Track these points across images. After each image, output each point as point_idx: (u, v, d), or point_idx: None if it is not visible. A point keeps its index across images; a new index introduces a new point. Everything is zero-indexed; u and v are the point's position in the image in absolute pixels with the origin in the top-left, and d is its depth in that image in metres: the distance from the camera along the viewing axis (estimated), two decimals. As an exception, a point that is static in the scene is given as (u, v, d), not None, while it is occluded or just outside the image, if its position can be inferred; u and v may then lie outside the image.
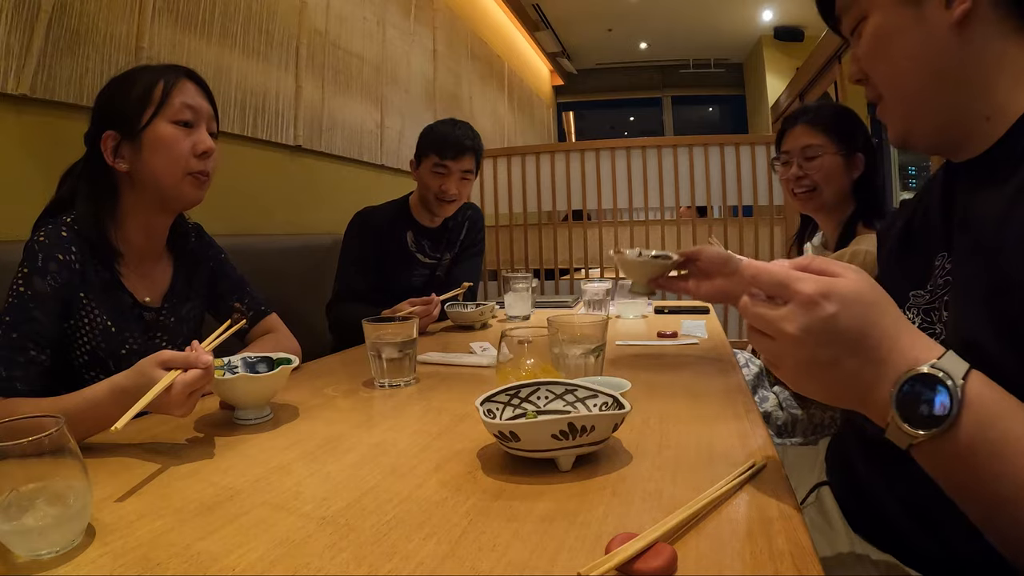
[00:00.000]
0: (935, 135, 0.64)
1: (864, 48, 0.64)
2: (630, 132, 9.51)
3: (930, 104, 0.62)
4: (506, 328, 0.92)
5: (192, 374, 0.71)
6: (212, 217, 1.23)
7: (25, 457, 0.47)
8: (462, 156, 1.71)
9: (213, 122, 1.01)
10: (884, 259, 0.83)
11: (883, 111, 0.67)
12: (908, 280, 0.70)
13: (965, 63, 0.59)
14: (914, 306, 0.68)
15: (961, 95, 0.60)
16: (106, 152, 0.94)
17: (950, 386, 0.43)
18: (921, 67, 0.60)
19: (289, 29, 2.23)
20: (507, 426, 0.60)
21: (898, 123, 0.66)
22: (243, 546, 0.48)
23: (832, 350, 0.47)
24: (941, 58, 0.59)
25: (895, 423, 0.45)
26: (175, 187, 0.96)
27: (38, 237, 0.89)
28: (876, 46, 0.63)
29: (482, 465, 0.64)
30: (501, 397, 0.70)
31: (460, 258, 1.88)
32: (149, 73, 0.96)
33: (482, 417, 0.62)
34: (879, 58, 0.63)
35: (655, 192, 3.19)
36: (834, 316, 0.46)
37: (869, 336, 0.46)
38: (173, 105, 0.94)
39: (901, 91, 0.63)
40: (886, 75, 0.64)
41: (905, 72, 0.61)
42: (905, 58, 0.61)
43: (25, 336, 0.83)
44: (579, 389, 0.70)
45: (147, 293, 1.01)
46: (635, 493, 0.56)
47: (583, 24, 6.61)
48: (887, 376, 0.46)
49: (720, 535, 0.48)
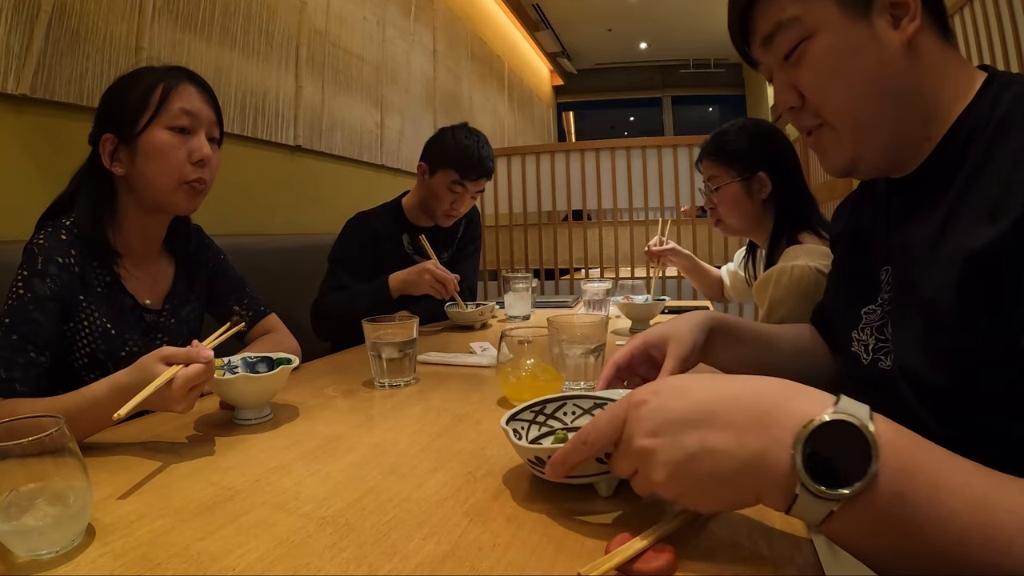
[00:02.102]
0: (883, 160, 0.62)
1: (809, 72, 0.59)
2: (630, 132, 9.52)
3: (883, 128, 0.59)
4: (506, 328, 0.92)
5: (193, 368, 0.70)
6: (212, 217, 1.23)
7: (25, 457, 0.47)
8: (481, 178, 1.70)
9: (215, 128, 0.99)
10: (836, 267, 0.81)
11: (823, 141, 0.62)
12: (859, 293, 0.68)
13: (916, 82, 0.57)
14: (867, 325, 0.66)
15: (913, 115, 0.58)
16: (104, 155, 0.93)
17: (863, 429, 0.36)
18: (877, 90, 0.57)
19: (289, 29, 2.23)
20: (545, 451, 0.52)
21: (846, 152, 0.61)
22: (243, 546, 0.48)
23: (689, 434, 0.40)
24: (896, 79, 0.57)
25: (806, 491, 0.36)
26: (169, 195, 0.95)
27: (38, 240, 0.89)
28: (827, 69, 0.58)
29: (482, 465, 0.64)
30: (525, 415, 0.64)
31: (459, 256, 1.87)
32: (151, 75, 0.95)
33: (512, 441, 0.56)
34: (831, 82, 0.58)
35: (655, 192, 3.19)
36: (663, 404, 0.42)
37: (720, 403, 0.40)
38: (171, 110, 0.93)
39: (854, 117, 0.59)
40: (839, 101, 0.59)
41: (861, 96, 0.58)
42: (862, 81, 0.57)
43: (25, 338, 0.83)
44: (608, 403, 0.65)
45: (148, 295, 1.01)
46: (635, 493, 0.56)
47: (583, 24, 6.61)
48: (777, 439, 0.38)
49: (720, 535, 0.48)
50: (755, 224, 1.40)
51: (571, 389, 0.89)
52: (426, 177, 1.71)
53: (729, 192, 1.39)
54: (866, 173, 0.64)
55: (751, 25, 0.63)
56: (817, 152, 0.65)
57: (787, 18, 0.59)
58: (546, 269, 3.40)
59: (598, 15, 6.43)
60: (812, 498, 0.36)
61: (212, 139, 0.99)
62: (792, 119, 0.65)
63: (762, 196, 1.35)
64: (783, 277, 1.13)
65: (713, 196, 1.43)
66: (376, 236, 1.72)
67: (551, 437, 0.63)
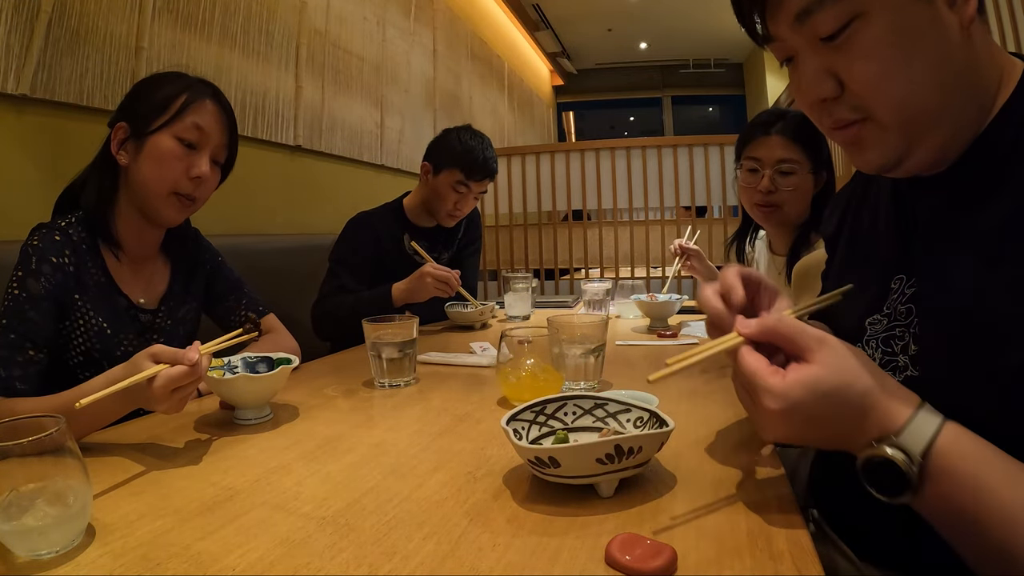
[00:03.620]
0: (933, 158, 0.55)
1: (861, 59, 0.50)
2: (630, 132, 9.51)
3: (941, 124, 0.52)
4: (506, 328, 0.92)
5: (176, 370, 0.69)
6: (212, 217, 1.23)
7: (25, 457, 0.47)
8: (486, 179, 1.71)
9: (223, 152, 1.00)
10: (835, 272, 0.75)
11: (864, 136, 0.54)
12: (862, 303, 0.64)
13: (974, 70, 0.52)
14: (872, 337, 0.62)
15: (970, 107, 0.53)
16: (114, 141, 0.95)
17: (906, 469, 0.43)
18: (939, 80, 0.51)
19: (289, 29, 2.23)
20: (546, 451, 0.53)
21: (892, 149, 0.54)
22: (243, 546, 0.48)
23: (809, 426, 0.47)
24: (958, 67, 0.51)
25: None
26: (157, 200, 0.96)
27: (32, 241, 0.90)
28: (885, 56, 0.50)
29: (482, 465, 0.64)
30: (526, 415, 0.64)
31: (459, 257, 1.87)
32: (180, 81, 0.96)
33: (512, 441, 0.56)
34: (891, 71, 0.50)
35: (655, 192, 3.19)
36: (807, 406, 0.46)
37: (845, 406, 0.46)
38: (184, 122, 0.94)
39: (912, 112, 0.51)
40: (898, 94, 0.51)
41: (923, 88, 0.50)
42: (925, 70, 0.50)
43: (22, 336, 0.83)
44: (609, 403, 0.66)
45: (142, 295, 1.01)
46: (635, 493, 0.56)
47: (583, 24, 6.61)
48: (864, 437, 0.46)
49: (720, 535, 0.48)
50: (800, 214, 1.34)
51: (571, 389, 0.89)
52: (430, 177, 1.72)
53: (802, 182, 1.31)
54: (907, 172, 0.56)
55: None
56: (850, 148, 0.56)
57: None
58: (546, 269, 3.40)
59: (598, 15, 6.43)
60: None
61: (216, 162, 1.00)
62: (820, 112, 0.56)
63: (815, 192, 1.32)
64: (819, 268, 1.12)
65: (779, 180, 1.32)
66: (377, 236, 1.72)
67: (551, 437, 0.63)
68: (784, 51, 0.56)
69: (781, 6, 0.52)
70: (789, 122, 1.32)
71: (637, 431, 0.62)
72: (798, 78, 0.56)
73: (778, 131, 1.32)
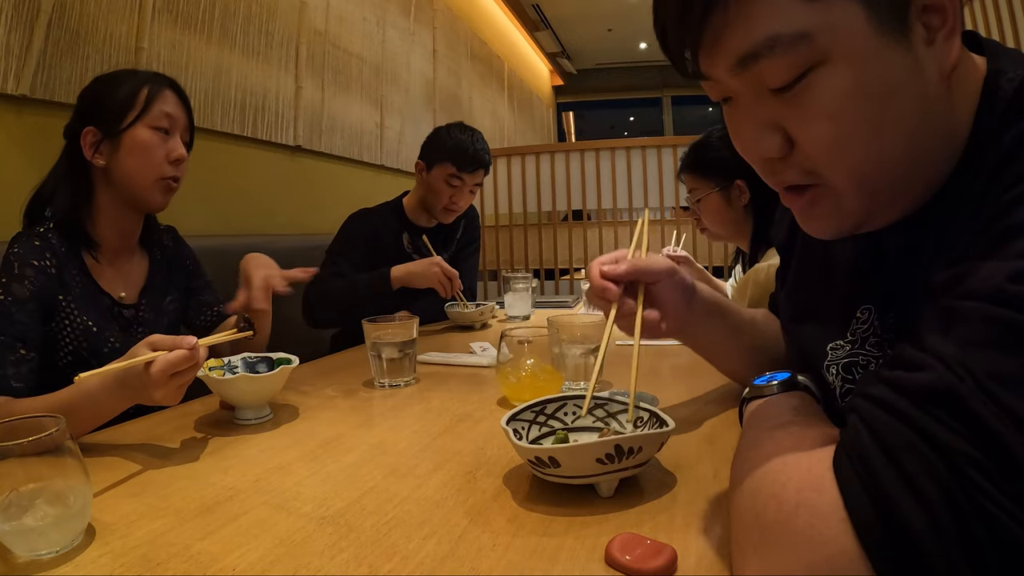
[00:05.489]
0: (901, 214, 0.46)
1: (818, 116, 0.41)
2: (630, 132, 9.52)
3: (912, 181, 0.44)
4: (506, 328, 0.92)
5: (175, 354, 0.69)
6: (213, 217, 1.23)
7: (25, 457, 0.47)
8: (478, 170, 1.71)
9: (187, 133, 1.05)
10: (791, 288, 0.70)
11: (816, 203, 0.45)
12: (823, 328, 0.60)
13: (951, 108, 0.43)
14: (833, 363, 0.58)
15: (946, 153, 0.44)
16: (85, 147, 0.97)
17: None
18: (914, 139, 0.42)
19: (289, 29, 2.23)
20: (546, 451, 0.53)
21: (849, 219, 0.45)
22: (243, 546, 0.48)
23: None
24: (938, 122, 0.42)
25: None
26: (146, 189, 0.99)
27: (12, 249, 0.91)
28: (851, 113, 0.40)
29: (482, 465, 0.64)
30: (525, 415, 0.64)
31: (458, 257, 1.88)
32: (135, 78, 1.00)
33: (512, 441, 0.56)
34: (856, 133, 0.41)
35: (655, 192, 3.19)
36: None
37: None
38: (154, 112, 0.98)
39: (878, 175, 0.43)
40: (861, 158, 0.42)
41: (893, 148, 0.41)
42: (898, 128, 0.41)
43: (13, 337, 0.84)
44: (609, 403, 0.66)
45: (123, 289, 1.03)
46: (635, 493, 0.56)
47: (583, 24, 6.61)
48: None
49: (720, 535, 0.48)
50: (738, 230, 1.43)
51: (571, 389, 0.89)
52: (424, 174, 1.73)
53: (710, 202, 1.42)
54: (870, 229, 0.48)
55: (718, 33, 0.41)
56: (801, 214, 0.47)
57: (790, 33, 0.39)
58: (546, 269, 3.41)
59: (598, 15, 6.43)
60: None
61: (184, 143, 1.05)
62: (768, 170, 0.46)
63: (742, 202, 1.38)
64: (759, 276, 1.16)
65: (695, 207, 1.47)
66: (376, 233, 1.73)
67: (551, 437, 0.63)
68: (720, 92, 0.46)
69: (718, 47, 0.42)
70: (685, 157, 1.47)
71: (637, 431, 0.62)
72: (735, 127, 0.47)
73: (681, 170, 1.48)
